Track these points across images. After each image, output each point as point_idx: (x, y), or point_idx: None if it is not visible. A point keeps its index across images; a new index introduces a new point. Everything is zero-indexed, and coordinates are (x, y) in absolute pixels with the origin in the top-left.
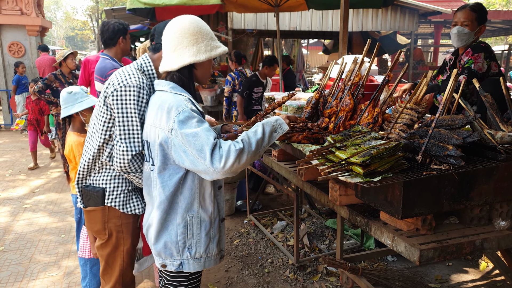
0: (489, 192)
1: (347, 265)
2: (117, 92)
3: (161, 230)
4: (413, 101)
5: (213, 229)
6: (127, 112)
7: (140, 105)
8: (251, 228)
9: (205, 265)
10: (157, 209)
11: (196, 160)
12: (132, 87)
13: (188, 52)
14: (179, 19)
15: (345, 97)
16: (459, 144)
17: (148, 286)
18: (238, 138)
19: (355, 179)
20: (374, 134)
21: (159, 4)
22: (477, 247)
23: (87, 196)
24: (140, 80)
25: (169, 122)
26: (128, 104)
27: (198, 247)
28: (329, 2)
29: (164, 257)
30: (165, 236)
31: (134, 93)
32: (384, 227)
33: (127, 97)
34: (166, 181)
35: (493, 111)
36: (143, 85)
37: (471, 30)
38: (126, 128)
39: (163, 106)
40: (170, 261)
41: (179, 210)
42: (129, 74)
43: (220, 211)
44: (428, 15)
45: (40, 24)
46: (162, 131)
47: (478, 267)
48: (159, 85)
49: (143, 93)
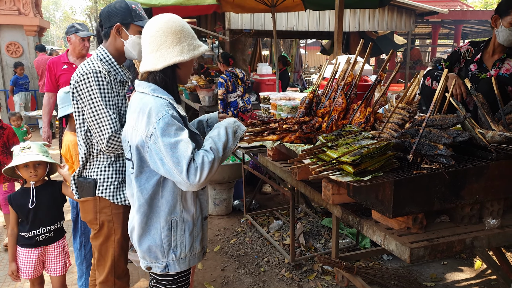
0: (480, 191)
1: (342, 264)
2: (78, 83)
3: (143, 235)
4: (405, 101)
5: (196, 228)
6: (91, 96)
7: (101, 87)
8: (247, 227)
9: (190, 263)
10: (137, 213)
11: (172, 171)
12: (89, 73)
13: (172, 51)
14: (160, 17)
15: (338, 97)
16: (449, 143)
17: (145, 285)
18: (206, 145)
19: (346, 178)
20: (365, 134)
21: (156, 4)
22: (467, 245)
23: (81, 187)
24: (95, 65)
25: (149, 127)
26: (90, 88)
27: (183, 247)
28: (326, 3)
29: (149, 260)
30: (148, 240)
31: (92, 78)
32: (376, 225)
33: (86, 83)
34: (144, 184)
35: (484, 111)
36: (99, 69)
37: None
38: (94, 111)
39: (144, 110)
40: (155, 263)
41: (162, 213)
42: (85, 65)
43: (203, 210)
44: (425, 15)
45: (38, 24)
46: (139, 135)
47: (473, 266)
48: (139, 86)
49: (101, 76)
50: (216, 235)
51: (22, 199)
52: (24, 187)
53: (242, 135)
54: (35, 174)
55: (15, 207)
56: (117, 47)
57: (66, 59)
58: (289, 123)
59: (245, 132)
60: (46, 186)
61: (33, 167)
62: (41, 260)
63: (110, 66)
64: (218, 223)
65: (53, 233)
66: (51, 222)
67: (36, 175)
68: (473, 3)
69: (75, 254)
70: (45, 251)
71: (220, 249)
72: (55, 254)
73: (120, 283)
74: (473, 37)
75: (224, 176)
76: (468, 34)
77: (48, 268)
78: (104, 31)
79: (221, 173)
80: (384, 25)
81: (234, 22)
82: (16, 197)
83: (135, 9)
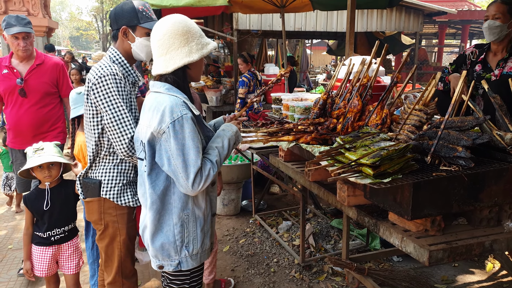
0: (499, 193)
1: (353, 265)
2: (95, 85)
3: (156, 232)
4: (421, 103)
5: (206, 225)
6: (110, 99)
7: (120, 90)
8: (256, 227)
9: (201, 260)
10: (150, 210)
11: (177, 173)
12: (107, 75)
13: (180, 53)
14: (166, 20)
15: (353, 98)
16: (468, 145)
17: (156, 285)
18: (212, 156)
19: (365, 180)
20: (383, 136)
21: (166, 5)
22: (486, 248)
23: (86, 188)
24: (112, 68)
25: (162, 124)
26: (109, 91)
27: (195, 243)
28: (334, 3)
29: (161, 258)
30: (161, 237)
31: (111, 80)
32: (393, 227)
33: (105, 86)
34: (154, 180)
35: (502, 113)
36: (116, 71)
37: (503, 23)
38: (114, 114)
39: (158, 108)
40: (167, 261)
41: (174, 210)
42: (101, 66)
43: (212, 207)
44: (433, 15)
45: (46, 25)
46: (152, 131)
47: (485, 268)
48: (154, 86)
49: (119, 79)
50: (225, 235)
51: (37, 201)
52: (38, 187)
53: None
54: (50, 175)
55: (30, 208)
56: (126, 49)
57: (8, 62)
58: (304, 124)
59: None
60: (60, 186)
61: (47, 168)
62: (55, 258)
63: (123, 67)
64: (227, 223)
65: (68, 232)
66: (66, 222)
67: (50, 176)
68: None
69: (87, 253)
70: (59, 250)
71: (229, 249)
72: (69, 252)
73: (128, 283)
74: (481, 37)
75: (233, 177)
76: (475, 34)
77: (62, 267)
78: (113, 33)
79: (230, 174)
80: (392, 26)
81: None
82: (31, 198)
83: (141, 10)
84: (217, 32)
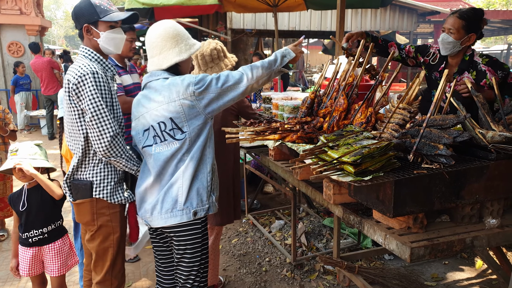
0: (480, 190)
1: (343, 264)
2: (75, 85)
3: (193, 180)
4: (405, 101)
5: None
6: (91, 98)
7: (100, 88)
8: (249, 227)
9: (215, 209)
10: (190, 161)
11: (234, 85)
12: (87, 74)
13: (172, 53)
14: (158, 25)
15: (339, 97)
16: (449, 143)
17: (147, 284)
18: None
19: (347, 178)
20: (366, 134)
21: (157, 4)
22: (467, 244)
23: (76, 189)
24: (91, 66)
25: (189, 87)
26: (89, 90)
27: (216, 191)
28: (328, 3)
29: (196, 204)
30: (197, 183)
31: (90, 79)
32: (377, 225)
33: (85, 85)
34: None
35: (484, 111)
36: (96, 69)
37: (456, 40)
38: (94, 114)
39: (175, 81)
40: (200, 206)
41: (208, 160)
42: (80, 66)
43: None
44: (427, 15)
45: (39, 24)
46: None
47: (474, 266)
48: (154, 75)
49: (97, 77)
50: None
51: (17, 200)
52: (22, 187)
53: (290, 58)
54: (24, 176)
55: (13, 207)
56: (94, 46)
57: None
58: (290, 123)
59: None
60: (39, 187)
61: (20, 170)
62: (38, 259)
63: (100, 63)
64: None
65: (47, 235)
66: (44, 224)
67: (24, 177)
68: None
69: (77, 254)
70: (41, 251)
71: (221, 248)
72: (51, 255)
73: (117, 282)
74: None
75: None
76: None
77: (46, 268)
78: (78, 33)
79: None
80: (386, 25)
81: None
82: (14, 198)
83: (99, 4)
84: (211, 31)
